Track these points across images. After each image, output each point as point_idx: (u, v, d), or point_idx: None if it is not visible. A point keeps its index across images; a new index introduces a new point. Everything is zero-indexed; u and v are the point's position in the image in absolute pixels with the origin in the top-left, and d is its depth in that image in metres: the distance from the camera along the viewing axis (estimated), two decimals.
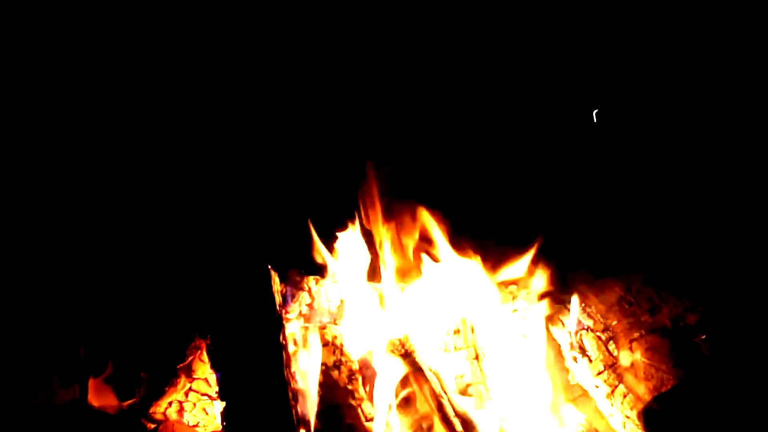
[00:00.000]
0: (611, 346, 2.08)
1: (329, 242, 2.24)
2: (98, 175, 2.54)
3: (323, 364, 1.92)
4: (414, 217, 2.21)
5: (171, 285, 2.26)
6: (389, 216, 2.22)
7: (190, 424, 2.05)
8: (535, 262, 2.15)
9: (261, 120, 2.66)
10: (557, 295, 2.15)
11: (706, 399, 1.92)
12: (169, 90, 2.62)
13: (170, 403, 2.05)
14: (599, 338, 2.09)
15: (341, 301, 2.17)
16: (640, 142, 2.55)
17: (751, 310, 2.04)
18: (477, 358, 2.12)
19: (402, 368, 1.95)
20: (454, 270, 2.19)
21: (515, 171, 2.55)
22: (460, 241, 2.19)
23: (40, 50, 2.55)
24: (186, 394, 2.06)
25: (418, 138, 2.58)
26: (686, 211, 2.34)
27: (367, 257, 2.22)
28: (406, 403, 1.93)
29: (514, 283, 2.20)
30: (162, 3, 2.61)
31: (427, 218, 2.20)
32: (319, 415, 1.85)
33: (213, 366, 1.91)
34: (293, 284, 2.10)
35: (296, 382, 1.88)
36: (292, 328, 2.03)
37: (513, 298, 2.19)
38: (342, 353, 1.96)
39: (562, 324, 2.14)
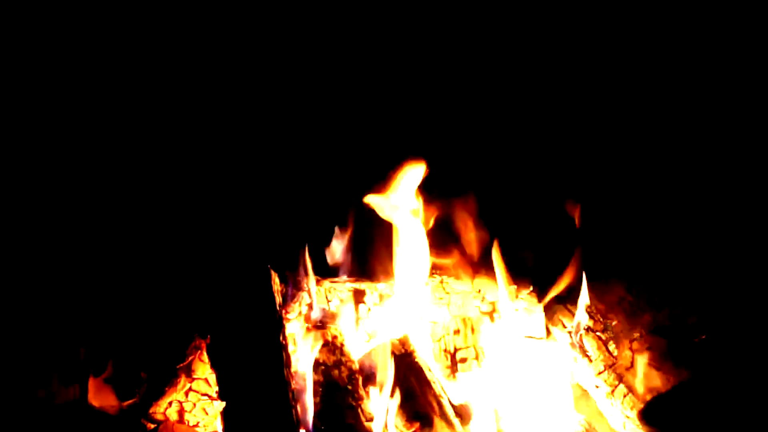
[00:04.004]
0: (611, 346, 2.08)
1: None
2: (98, 175, 2.54)
3: (323, 364, 1.92)
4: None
5: (171, 285, 2.25)
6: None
7: (190, 424, 2.05)
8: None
9: (262, 119, 2.65)
10: (558, 295, 2.15)
11: (705, 399, 1.92)
12: (170, 88, 2.62)
13: (170, 403, 2.05)
14: (599, 338, 2.09)
15: (341, 300, 2.17)
16: (641, 143, 2.55)
17: (750, 310, 2.04)
18: (477, 358, 2.12)
19: (402, 368, 1.95)
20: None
21: (515, 171, 2.55)
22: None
23: (39, 50, 2.55)
24: (186, 394, 2.06)
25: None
26: (686, 212, 2.33)
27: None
28: (406, 403, 1.93)
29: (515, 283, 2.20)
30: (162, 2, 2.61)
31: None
32: (319, 415, 1.85)
33: (213, 366, 1.91)
34: (293, 284, 2.10)
35: (296, 382, 1.88)
36: (292, 328, 2.03)
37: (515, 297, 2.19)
38: (342, 353, 1.96)
39: (563, 324, 2.14)
